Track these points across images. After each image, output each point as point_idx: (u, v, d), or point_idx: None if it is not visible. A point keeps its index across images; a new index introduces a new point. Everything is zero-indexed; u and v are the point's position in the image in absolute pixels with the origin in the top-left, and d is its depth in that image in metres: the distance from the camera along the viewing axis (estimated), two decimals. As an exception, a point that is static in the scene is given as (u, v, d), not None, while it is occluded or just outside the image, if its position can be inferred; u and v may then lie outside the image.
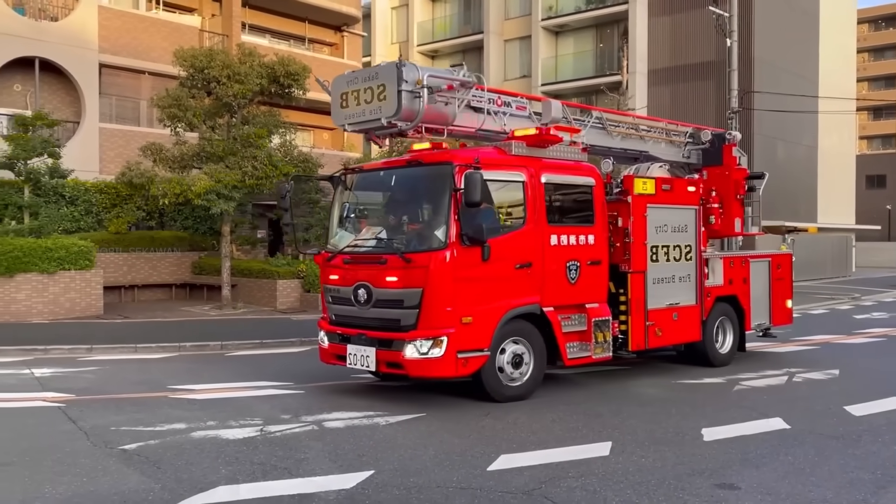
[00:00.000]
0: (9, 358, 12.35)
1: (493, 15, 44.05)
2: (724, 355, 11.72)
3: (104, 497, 5.71)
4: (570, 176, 9.81)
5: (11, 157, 18.59)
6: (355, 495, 5.71)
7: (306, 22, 35.09)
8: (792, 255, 13.11)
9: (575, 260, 9.53)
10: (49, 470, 6.42)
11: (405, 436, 7.58)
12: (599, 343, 9.72)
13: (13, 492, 5.68)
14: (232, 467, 6.44)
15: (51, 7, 25.56)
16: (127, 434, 7.49)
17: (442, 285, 8.50)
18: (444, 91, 9.25)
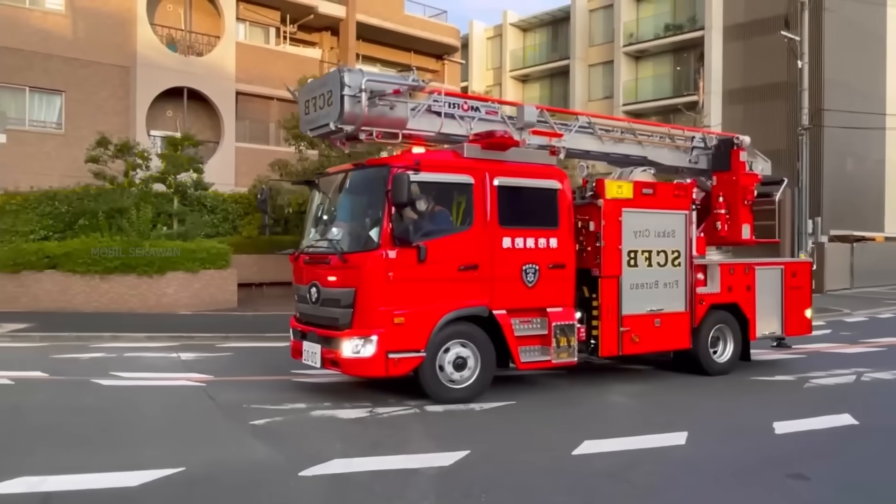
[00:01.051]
0: (160, 343, 12.94)
1: (578, 43, 43.51)
2: (722, 364, 10.15)
3: (238, 465, 5.90)
4: (531, 179, 8.70)
5: (164, 173, 19.57)
6: (453, 472, 5.70)
7: (411, 52, 35.53)
8: (811, 263, 11.61)
9: (533, 263, 8.52)
10: (193, 440, 6.70)
11: (497, 421, 7.54)
12: (562, 347, 8.62)
13: (166, 458, 5.90)
14: (345, 443, 6.56)
15: (197, 44, 26.74)
16: (257, 411, 7.69)
17: (373, 285, 7.78)
18: (389, 95, 8.45)
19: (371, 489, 5.33)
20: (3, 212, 17.28)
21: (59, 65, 23.16)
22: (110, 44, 24.14)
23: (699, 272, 9.95)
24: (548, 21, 46.54)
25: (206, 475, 5.59)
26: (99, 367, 10.38)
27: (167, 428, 7.16)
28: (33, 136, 22.62)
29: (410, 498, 5.15)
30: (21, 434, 6.82)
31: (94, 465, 5.72)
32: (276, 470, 5.74)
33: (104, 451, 6.25)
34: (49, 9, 23.38)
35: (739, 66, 37.11)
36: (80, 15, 23.65)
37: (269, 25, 30.06)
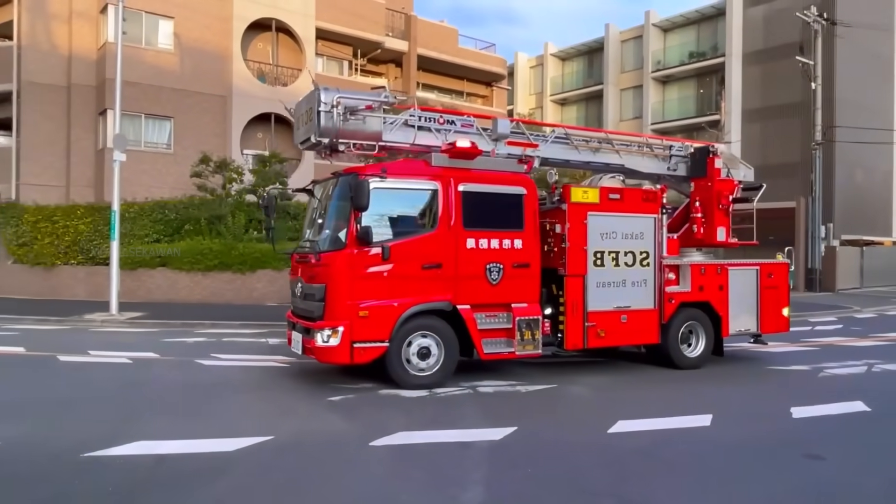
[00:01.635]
0: (251, 330, 13.23)
1: (611, 69, 42.91)
2: (693, 359, 9.53)
3: (318, 435, 5.99)
4: (496, 185, 8.39)
5: (255, 185, 19.98)
6: (502, 445, 5.67)
7: (464, 80, 35.56)
8: (789, 264, 10.45)
9: (497, 262, 8.21)
10: (280, 413, 6.81)
11: (540, 402, 7.47)
12: (526, 340, 8.28)
13: (257, 427, 6.03)
14: (408, 418, 6.57)
15: (282, 76, 27.25)
16: (333, 390, 7.80)
17: (339, 282, 7.62)
18: (362, 111, 8.26)
19: (430, 458, 5.35)
20: (124, 218, 17.87)
21: (168, 95, 23.91)
22: (211, 77, 24.81)
23: (669, 272, 9.46)
24: (584, 51, 46.01)
25: (292, 443, 5.69)
26: (201, 349, 10.66)
27: (258, 402, 7.31)
28: (148, 156, 23.38)
29: (465, 467, 5.13)
30: (138, 405, 7.05)
31: (198, 433, 5.88)
32: (350, 440, 5.79)
33: (206, 421, 6.41)
34: (161, 48, 24.14)
35: (758, 87, 36.02)
36: (186, 53, 24.37)
37: (343, 59, 30.47)
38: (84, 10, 23.47)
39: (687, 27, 40.51)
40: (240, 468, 5.07)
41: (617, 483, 4.87)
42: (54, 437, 5.78)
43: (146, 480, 4.76)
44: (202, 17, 24.69)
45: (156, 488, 4.62)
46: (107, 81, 21.86)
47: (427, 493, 4.62)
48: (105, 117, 22.64)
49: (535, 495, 4.59)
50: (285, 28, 26.98)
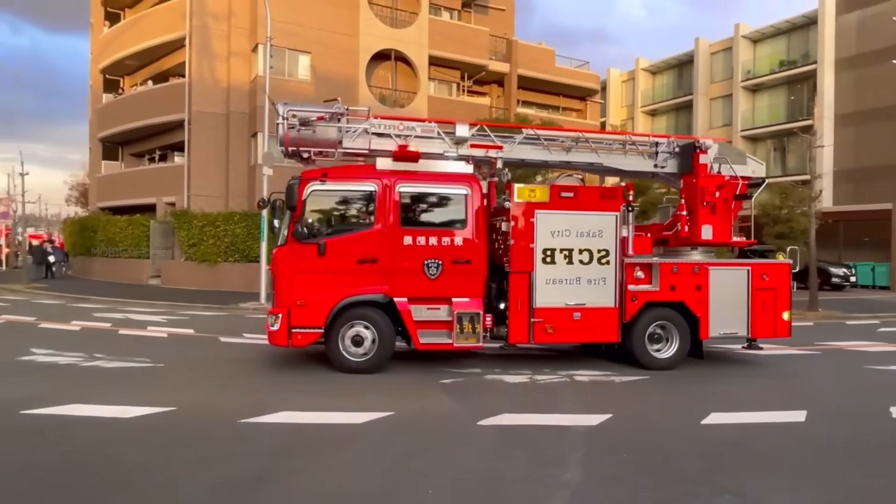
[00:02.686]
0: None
1: (701, 80, 40.64)
2: (663, 360, 8.36)
3: (432, 413, 6.05)
4: (437, 185, 8.02)
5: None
6: (598, 431, 5.50)
7: (560, 96, 34.92)
8: (790, 265, 8.76)
9: (436, 258, 7.80)
10: (398, 392, 6.93)
11: (634, 391, 7.17)
12: (465, 333, 7.82)
13: (380, 404, 6.16)
14: (512, 401, 6.52)
15: (400, 98, 27.92)
16: (444, 373, 7.87)
17: (280, 274, 7.71)
18: (314, 121, 8.09)
19: (533, 439, 5.26)
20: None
21: (306, 118, 25.14)
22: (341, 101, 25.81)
23: (639, 270, 8.36)
24: (674, 64, 43.87)
25: (410, 418, 5.78)
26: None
27: (382, 382, 7.46)
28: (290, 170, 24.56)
29: (564, 449, 5.01)
30: (284, 381, 7.45)
31: (331, 406, 6.10)
32: (460, 418, 5.82)
33: (338, 396, 6.64)
34: (300, 79, 25.44)
35: (851, 92, 32.87)
36: (320, 81, 25.53)
37: (452, 82, 30.76)
38: (239, 50, 25.17)
39: (777, 37, 37.65)
40: (366, 438, 5.22)
41: (711, 472, 4.57)
42: (217, 405, 6.21)
43: (290, 445, 5.00)
44: (334, 51, 25.77)
45: (298, 451, 4.85)
46: (257, 108, 23.31)
47: (530, 471, 4.55)
48: (256, 139, 24.17)
49: (632, 478, 4.41)
50: (403, 57, 27.63)
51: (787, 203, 22.53)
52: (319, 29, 25.33)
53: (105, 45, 29.91)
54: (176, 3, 25.53)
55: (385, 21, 27.30)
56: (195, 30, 24.77)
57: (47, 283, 22.50)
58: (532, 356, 9.20)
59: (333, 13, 25.80)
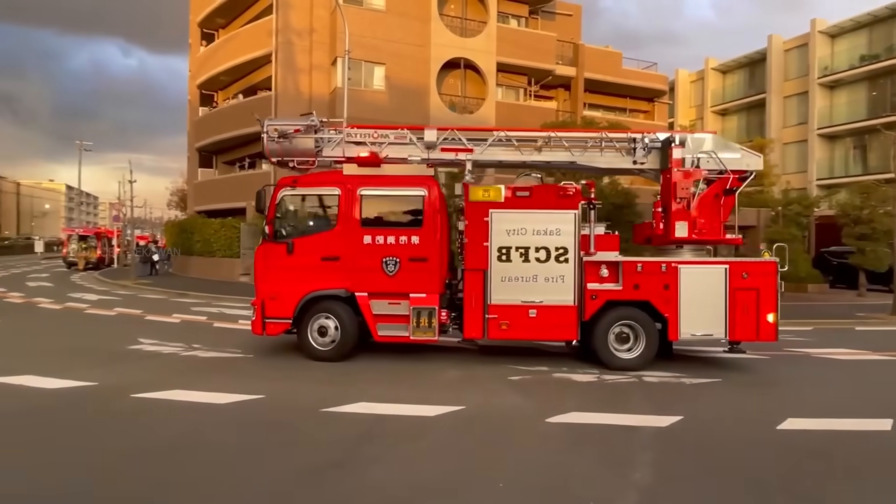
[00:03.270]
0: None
1: (774, 78, 38.39)
2: (627, 360, 7.91)
3: (501, 408, 6.00)
4: (395, 188, 8.20)
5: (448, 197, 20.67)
6: (669, 432, 5.29)
7: (627, 97, 33.93)
8: (776, 263, 7.87)
9: (393, 256, 8.05)
10: (468, 388, 6.94)
11: (705, 394, 6.84)
12: (421, 327, 7.99)
13: (450, 398, 6.21)
14: (580, 399, 6.38)
15: (469, 105, 27.97)
16: (512, 370, 7.80)
17: (258, 270, 8.30)
18: (291, 134, 8.54)
19: (601, 438, 5.13)
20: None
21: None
22: (413, 109, 26.18)
23: (599, 269, 7.97)
24: (745, 63, 41.66)
25: (479, 413, 5.77)
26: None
27: (451, 377, 7.50)
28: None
29: (634, 449, 4.86)
30: (360, 373, 7.62)
31: (405, 399, 6.19)
32: (528, 415, 5.76)
33: (411, 390, 6.74)
34: (375, 89, 25.99)
35: (942, 86, 30.09)
36: (393, 91, 25.98)
37: (519, 87, 30.52)
38: (320, 63, 26.00)
39: (858, 31, 35.01)
40: (438, 431, 5.25)
41: (789, 480, 4.30)
42: (301, 394, 6.43)
43: (368, 433, 5.10)
44: (406, 61, 26.15)
45: (375, 440, 4.94)
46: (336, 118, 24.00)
47: (599, 469, 4.43)
48: (334, 146, 24.87)
49: (705, 481, 4.21)
50: (472, 65, 27.67)
51: (868, 203, 20.91)
52: (393, 41, 25.78)
53: (201, 63, 31.67)
54: (263, 23, 26.68)
55: (455, 31, 27.43)
56: (280, 46, 25.79)
57: (151, 280, 24.07)
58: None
59: (406, 26, 26.19)
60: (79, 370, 7.25)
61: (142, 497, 3.82)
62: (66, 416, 5.53)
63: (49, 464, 4.33)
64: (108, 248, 36.01)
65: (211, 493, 3.90)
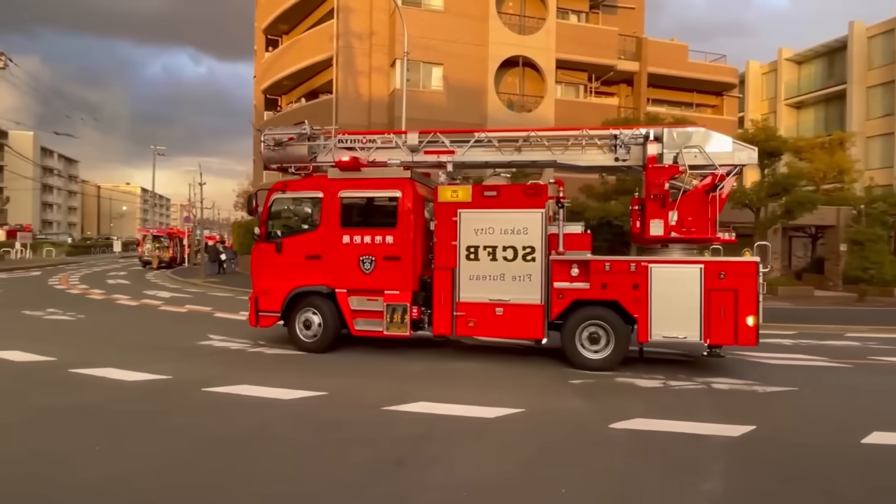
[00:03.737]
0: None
1: (856, 67, 36.07)
2: (594, 361, 7.79)
3: (562, 412, 5.94)
4: (373, 190, 8.65)
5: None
6: (740, 444, 5.06)
7: (694, 92, 32.76)
8: (757, 263, 7.45)
9: (369, 255, 8.50)
10: (528, 390, 6.88)
11: (780, 403, 6.50)
12: (394, 323, 8.34)
13: (511, 400, 6.16)
14: (645, 405, 6.20)
15: (527, 103, 27.77)
16: (573, 374, 7.68)
17: (252, 267, 9.20)
18: (286, 142, 9.11)
19: (668, 446, 4.98)
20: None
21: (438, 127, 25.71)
22: (471, 109, 26.24)
23: (562, 267, 7.87)
24: (822, 52, 39.37)
25: (540, 416, 5.73)
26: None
27: (510, 379, 7.47)
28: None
29: (702, 459, 4.69)
30: (419, 372, 7.72)
31: (464, 399, 6.20)
32: (591, 420, 5.66)
33: (469, 391, 6.75)
34: (433, 89, 26.22)
35: None
36: (451, 90, 26.12)
37: (579, 84, 30.03)
38: (379, 66, 26.47)
39: (954, 13, 32.38)
40: (497, 433, 5.24)
41: (874, 497, 4.04)
42: (362, 392, 6.58)
43: (427, 433, 5.16)
44: (464, 61, 26.23)
45: (435, 440, 4.99)
46: (395, 119, 24.32)
47: (666, 478, 4.31)
48: (393, 147, 25.25)
49: (781, 496, 4.01)
50: (530, 63, 27.45)
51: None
52: (451, 41, 25.91)
53: (266, 68, 32.87)
54: (324, 27, 27.41)
55: (513, 29, 27.29)
56: (341, 50, 26.42)
57: (220, 279, 25.17)
58: (665, 361, 8.71)
59: (464, 25, 26.26)
60: (154, 364, 7.68)
61: (214, 486, 4.01)
62: (143, 407, 5.87)
63: (127, 452, 4.62)
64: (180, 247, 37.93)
65: (279, 486, 4.05)
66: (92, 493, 3.88)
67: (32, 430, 5.10)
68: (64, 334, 10.33)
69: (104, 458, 4.47)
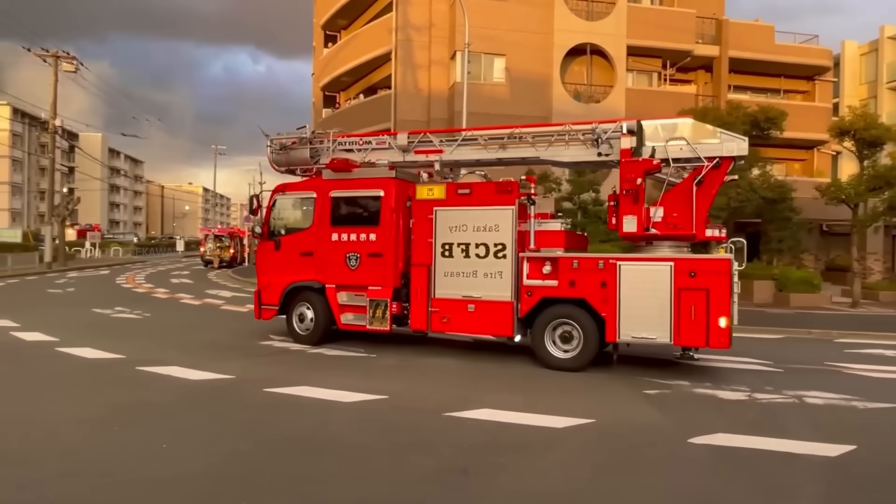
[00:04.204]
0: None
1: (974, 45, 33.32)
2: (562, 360, 7.98)
3: (637, 424, 5.79)
4: (360, 190, 9.35)
5: (571, 194, 20.34)
6: (839, 463, 4.78)
7: (781, 77, 31.16)
8: (730, 261, 7.38)
9: (355, 252, 9.24)
10: (598, 399, 6.77)
11: (886, 420, 6.10)
12: (376, 318, 8.98)
13: (580, 409, 6.07)
14: (728, 420, 5.96)
15: (596, 94, 27.25)
16: (648, 383, 7.49)
17: (256, 264, 10.46)
18: (291, 146, 10.04)
19: (755, 464, 4.76)
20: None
21: (499, 121, 25.48)
22: (534, 101, 26.00)
23: (533, 264, 8.15)
24: (935, 28, 36.54)
25: (612, 428, 5.62)
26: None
27: (580, 387, 7.34)
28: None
29: (795, 480, 4.46)
30: (482, 377, 7.72)
31: (530, 407, 6.15)
32: (668, 433, 5.50)
33: (535, 398, 6.68)
34: (495, 82, 26.14)
35: None
36: (514, 82, 25.96)
37: (652, 71, 29.18)
38: (439, 58, 26.64)
39: None
40: (568, 444, 5.18)
41: None
42: (424, 396, 6.66)
43: (492, 442, 5.16)
44: (528, 50, 26.02)
45: (501, 449, 4.98)
46: (454, 114, 24.45)
47: (752, 499, 4.12)
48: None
49: (887, 525, 3.77)
50: (599, 50, 26.92)
51: None
52: (514, 30, 25.76)
53: (324, 64, 33.74)
54: (383, 21, 27.86)
55: (580, 15, 26.83)
56: (400, 43, 26.78)
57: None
58: (751, 371, 8.34)
59: (528, 13, 26.05)
60: (217, 363, 8.05)
61: (277, 487, 4.16)
62: (208, 406, 6.16)
63: (193, 451, 4.86)
64: (240, 247, 39.54)
65: (341, 489, 4.15)
66: (160, 489, 4.10)
67: (105, 425, 5.45)
68: (131, 332, 10.97)
69: (171, 456, 4.72)
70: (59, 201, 33.84)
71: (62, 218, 32.34)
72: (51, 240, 31.37)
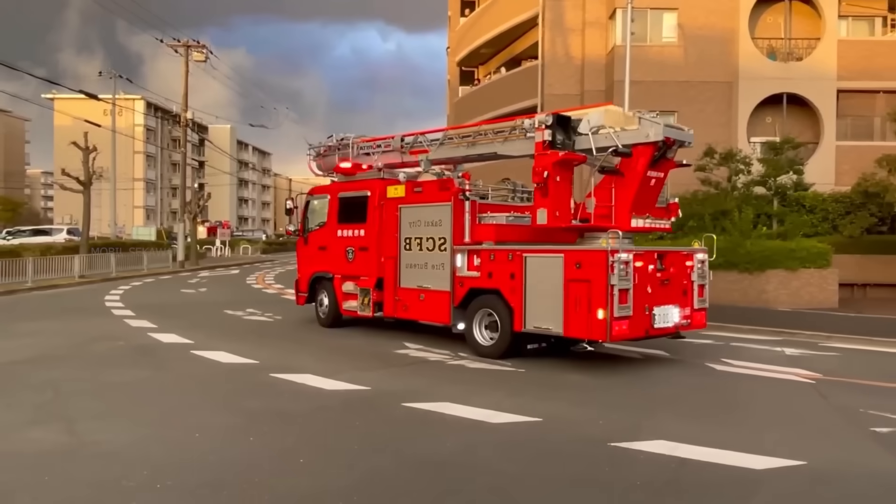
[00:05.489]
0: (762, 336, 12.53)
1: None
2: (485, 348, 9.65)
3: (862, 470, 5.25)
4: (355, 191, 12.00)
5: (765, 176, 18.97)
6: None
7: None
8: (607, 252, 8.11)
9: (351, 246, 11.97)
10: (810, 435, 6.24)
11: None
12: (364, 304, 11.56)
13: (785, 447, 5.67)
14: None
15: (796, 50, 25.17)
16: (877, 418, 6.73)
17: (297, 256, 13.69)
18: (323, 152, 13.23)
19: None
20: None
21: (671, 89, 24.59)
22: (715, 63, 24.56)
23: (463, 257, 9.90)
24: None
25: (830, 474, 5.13)
26: (710, 352, 10.61)
27: (781, 418, 6.83)
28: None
29: None
30: (655, 402, 7.44)
31: (718, 441, 5.80)
32: (909, 486, 4.91)
33: (725, 429, 6.31)
34: (664, 43, 25.04)
35: None
36: (689, 43, 24.69)
37: (874, 16, 26.29)
38: (594, 19, 26.06)
39: None
40: (769, 492, 4.80)
41: None
42: (585, 421, 6.54)
43: (671, 481, 4.93)
44: (706, 1, 24.60)
45: (685, 492, 4.75)
46: (615, 84, 23.76)
47: None
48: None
49: None
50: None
51: None
52: (689, -22, 24.50)
53: (461, 36, 34.41)
54: (528, -20, 27.78)
55: (776, -49, 24.89)
56: (547, 5, 26.56)
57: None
58: None
59: (706, -45, 24.63)
60: (351, 372, 8.53)
61: (422, 517, 4.30)
62: (345, 419, 6.54)
63: (333, 466, 5.18)
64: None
65: (492, 524, 4.19)
66: (301, 507, 4.41)
67: (242, 434, 5.98)
68: (264, 336, 12.00)
69: (310, 470, 5.07)
70: (191, 197, 37.80)
71: (194, 215, 36.09)
72: (183, 238, 35.15)
